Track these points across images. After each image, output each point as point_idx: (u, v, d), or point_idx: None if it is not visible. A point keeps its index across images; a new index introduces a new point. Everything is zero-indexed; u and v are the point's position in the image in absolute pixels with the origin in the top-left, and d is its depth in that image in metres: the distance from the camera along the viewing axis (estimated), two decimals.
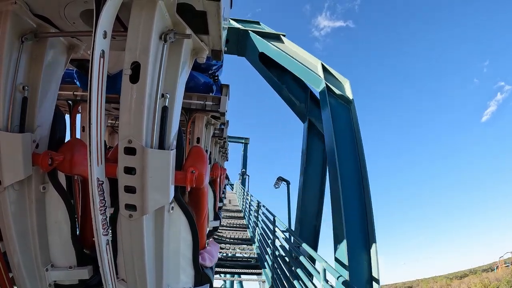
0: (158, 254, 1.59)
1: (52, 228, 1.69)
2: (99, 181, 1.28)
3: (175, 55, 1.47)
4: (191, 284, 1.78)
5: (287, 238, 6.36)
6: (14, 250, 1.53)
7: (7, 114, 1.42)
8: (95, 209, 1.28)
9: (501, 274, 34.23)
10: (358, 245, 6.12)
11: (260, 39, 9.80)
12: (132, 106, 1.32)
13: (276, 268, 6.39)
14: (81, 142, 1.82)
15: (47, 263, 1.69)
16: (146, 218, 1.45)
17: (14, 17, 1.39)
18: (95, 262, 1.53)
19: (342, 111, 7.89)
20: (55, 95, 1.70)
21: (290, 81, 10.13)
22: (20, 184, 1.51)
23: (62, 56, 1.72)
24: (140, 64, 1.29)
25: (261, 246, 8.37)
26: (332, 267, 3.73)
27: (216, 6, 1.34)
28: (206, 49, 1.67)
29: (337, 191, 6.65)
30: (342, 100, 8.07)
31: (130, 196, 1.39)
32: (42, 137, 1.61)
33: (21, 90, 1.47)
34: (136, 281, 1.55)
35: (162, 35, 1.35)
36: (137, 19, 1.28)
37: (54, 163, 1.58)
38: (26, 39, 1.45)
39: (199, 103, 3.19)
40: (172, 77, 1.47)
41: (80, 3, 1.46)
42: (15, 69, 1.43)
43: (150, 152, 1.36)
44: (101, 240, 1.33)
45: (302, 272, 4.85)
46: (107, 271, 1.41)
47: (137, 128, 1.34)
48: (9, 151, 1.43)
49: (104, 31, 1.17)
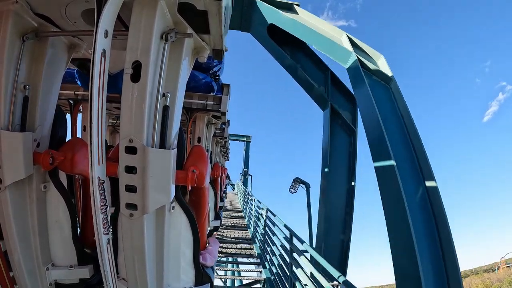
0: (158, 253, 1.59)
1: (52, 227, 1.69)
2: (100, 180, 1.28)
3: (176, 54, 1.47)
4: (192, 284, 1.78)
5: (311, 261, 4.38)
6: (14, 249, 1.53)
7: (8, 113, 1.42)
8: (96, 208, 1.28)
9: (503, 275, 34.18)
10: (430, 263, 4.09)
11: (269, 7, 7.95)
12: (133, 105, 1.32)
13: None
14: (82, 142, 1.83)
15: (47, 262, 1.69)
16: (147, 217, 1.44)
17: (15, 16, 1.39)
18: (95, 261, 1.53)
19: (381, 91, 5.89)
20: (56, 94, 1.71)
21: (306, 60, 8.35)
22: (21, 183, 1.51)
23: (63, 55, 1.73)
24: (141, 64, 1.29)
25: (273, 273, 6.51)
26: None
27: (217, 6, 1.34)
28: (207, 49, 1.67)
29: (396, 195, 4.47)
30: (380, 77, 6.08)
31: (131, 195, 1.39)
32: (43, 136, 1.61)
33: (22, 89, 1.47)
34: (136, 280, 1.56)
35: (163, 35, 1.35)
36: (138, 18, 1.28)
37: (55, 162, 1.59)
38: (27, 38, 1.45)
39: (200, 102, 3.19)
40: (173, 77, 1.47)
41: (81, 3, 1.46)
42: (17, 68, 1.43)
43: (151, 151, 1.36)
44: (102, 239, 1.33)
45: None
46: (107, 270, 1.41)
47: (138, 127, 1.33)
48: (10, 150, 1.43)
49: (105, 31, 1.17)
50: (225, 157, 10.85)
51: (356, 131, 8.02)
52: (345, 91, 8.24)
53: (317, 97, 8.29)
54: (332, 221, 7.52)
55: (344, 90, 8.23)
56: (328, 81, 8.17)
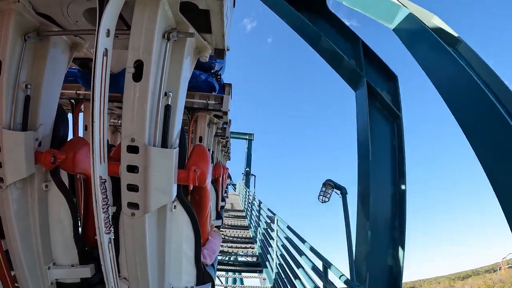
0: (160, 252, 1.59)
1: (54, 226, 1.70)
2: (101, 179, 1.28)
3: (178, 53, 1.47)
4: (193, 283, 1.78)
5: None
6: (16, 248, 1.53)
7: (10, 112, 1.43)
8: (98, 207, 1.28)
9: (505, 276, 34.06)
10: None
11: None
12: (135, 105, 1.32)
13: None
14: (84, 141, 1.83)
15: (49, 261, 1.69)
16: (149, 217, 1.44)
17: (17, 15, 1.40)
18: (97, 261, 1.53)
19: (445, 59, 4.19)
20: (58, 93, 1.71)
21: (329, 28, 6.57)
22: (22, 182, 1.52)
23: (65, 54, 1.73)
24: (143, 63, 1.29)
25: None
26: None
27: (219, 5, 1.33)
28: (209, 48, 1.66)
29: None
30: (445, 39, 4.36)
31: (132, 195, 1.39)
32: (44, 135, 1.61)
33: (24, 88, 1.47)
34: (138, 279, 1.56)
35: (165, 34, 1.34)
36: (140, 17, 1.28)
37: (57, 161, 1.59)
38: (29, 37, 1.45)
39: (202, 102, 3.19)
40: (175, 76, 1.47)
41: (83, 2, 1.47)
42: (18, 68, 1.43)
43: (153, 150, 1.35)
44: (104, 239, 1.33)
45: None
46: (109, 269, 1.41)
47: (140, 127, 1.33)
48: (12, 149, 1.43)
49: (107, 30, 1.16)
50: (226, 156, 10.85)
51: (401, 117, 5.98)
52: (382, 66, 6.41)
53: (347, 73, 6.40)
54: (376, 240, 5.34)
55: (380, 65, 6.36)
56: (360, 53, 6.27)
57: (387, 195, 5.62)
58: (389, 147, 5.86)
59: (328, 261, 3.73)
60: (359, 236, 5.73)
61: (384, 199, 5.58)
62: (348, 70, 6.33)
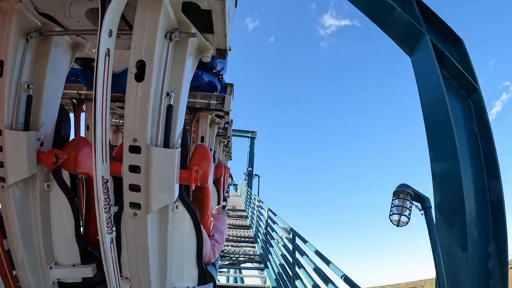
0: (162, 252, 1.59)
1: (56, 226, 1.70)
2: (103, 179, 1.28)
3: (180, 53, 1.47)
4: (195, 283, 1.78)
5: None
6: (18, 248, 1.54)
7: (12, 112, 1.43)
8: (100, 207, 1.28)
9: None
10: None
11: None
12: (137, 105, 1.32)
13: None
14: (86, 141, 1.83)
15: (50, 261, 1.69)
16: (151, 217, 1.44)
17: (19, 15, 1.40)
18: (99, 260, 1.54)
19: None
20: (59, 93, 1.71)
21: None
22: (24, 182, 1.52)
23: (67, 54, 1.73)
24: (145, 63, 1.29)
25: None
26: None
27: (221, 5, 1.33)
28: (211, 48, 1.66)
29: None
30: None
31: (134, 195, 1.39)
32: (46, 135, 1.61)
33: (26, 88, 1.47)
34: (139, 279, 1.56)
35: (167, 34, 1.34)
36: (142, 18, 1.28)
37: (59, 161, 1.59)
38: (31, 37, 1.45)
39: (204, 102, 3.18)
40: (177, 76, 1.47)
41: (85, 2, 1.46)
42: (20, 68, 1.43)
43: (155, 150, 1.35)
44: (105, 238, 1.33)
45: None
46: (111, 269, 1.41)
47: (142, 127, 1.33)
48: (14, 149, 1.44)
49: (109, 30, 1.16)
50: (227, 156, 10.85)
51: (479, 90, 4.23)
52: (444, 25, 4.71)
53: (400, 30, 4.68)
54: (461, 266, 3.57)
55: (441, 24, 4.69)
56: (414, 7, 4.62)
57: (474, 201, 3.76)
58: (467, 135, 4.00)
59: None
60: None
61: (469, 207, 3.67)
62: (401, 26, 4.59)
